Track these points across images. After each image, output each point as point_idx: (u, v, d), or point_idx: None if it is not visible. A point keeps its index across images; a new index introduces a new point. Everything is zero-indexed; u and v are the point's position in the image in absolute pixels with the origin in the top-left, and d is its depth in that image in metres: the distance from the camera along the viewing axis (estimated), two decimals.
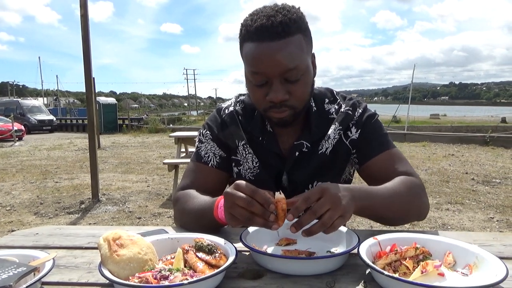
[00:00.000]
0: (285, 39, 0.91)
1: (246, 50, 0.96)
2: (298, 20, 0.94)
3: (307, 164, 1.10)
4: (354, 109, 1.12)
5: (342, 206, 0.77)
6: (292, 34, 0.92)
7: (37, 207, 4.82)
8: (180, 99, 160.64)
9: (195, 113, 46.12)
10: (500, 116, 25.84)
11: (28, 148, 12.16)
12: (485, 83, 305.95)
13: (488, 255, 0.74)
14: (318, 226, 0.76)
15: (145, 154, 9.88)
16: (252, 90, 1.00)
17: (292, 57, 0.92)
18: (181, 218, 1.07)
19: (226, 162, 1.15)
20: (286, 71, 0.92)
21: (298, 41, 0.93)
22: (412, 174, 1.03)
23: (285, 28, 0.91)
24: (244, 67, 1.01)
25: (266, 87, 0.96)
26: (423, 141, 11.48)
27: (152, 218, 4.31)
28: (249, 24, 0.94)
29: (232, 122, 1.14)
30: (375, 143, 1.08)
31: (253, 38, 0.93)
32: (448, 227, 3.89)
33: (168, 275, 0.68)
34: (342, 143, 1.10)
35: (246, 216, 0.77)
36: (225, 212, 0.82)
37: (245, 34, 0.96)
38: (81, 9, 4.83)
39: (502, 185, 5.69)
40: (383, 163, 1.06)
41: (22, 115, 21.99)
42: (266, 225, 0.77)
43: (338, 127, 1.10)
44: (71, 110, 38.72)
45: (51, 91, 63.98)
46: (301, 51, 0.94)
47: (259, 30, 0.92)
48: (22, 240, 1.01)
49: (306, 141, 1.09)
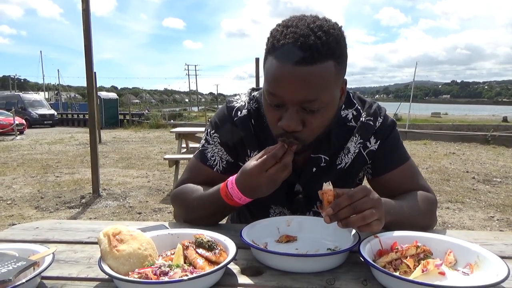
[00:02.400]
0: (312, 66, 0.80)
1: (267, 66, 0.86)
2: (333, 44, 0.82)
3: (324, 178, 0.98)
4: (375, 119, 1.04)
5: (382, 211, 0.78)
6: (322, 60, 0.80)
7: (37, 201, 4.83)
8: (181, 95, 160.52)
9: (196, 109, 46.15)
10: (502, 115, 25.78)
11: (29, 142, 12.17)
12: (487, 82, 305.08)
13: (490, 255, 0.73)
14: (357, 218, 0.76)
15: (146, 150, 9.88)
16: (267, 109, 0.92)
17: (314, 88, 0.82)
18: (184, 211, 1.04)
19: (232, 167, 1.08)
20: (305, 101, 0.83)
21: (327, 69, 0.82)
22: (428, 190, 1.05)
23: (315, 54, 0.80)
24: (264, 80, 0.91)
25: (281, 110, 0.87)
26: (424, 139, 11.46)
27: (153, 214, 4.31)
28: (277, 38, 0.84)
29: (245, 129, 1.05)
30: (393, 156, 1.05)
31: (277, 55, 0.83)
32: (449, 226, 3.90)
33: (168, 271, 0.68)
34: (360, 155, 1.05)
35: (284, 165, 0.85)
36: (254, 184, 0.86)
37: (270, 48, 0.86)
38: (82, 3, 4.82)
39: (503, 184, 5.68)
40: (399, 178, 1.04)
41: (24, 109, 22.01)
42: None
43: (359, 140, 1.03)
44: (72, 104, 38.74)
45: (52, 85, 64.08)
46: (327, 81, 0.83)
47: (285, 50, 0.81)
48: (22, 234, 1.01)
49: (324, 155, 1.03)
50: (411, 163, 1.07)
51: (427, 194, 1.02)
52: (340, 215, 0.76)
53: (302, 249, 0.85)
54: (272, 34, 0.87)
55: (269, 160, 0.85)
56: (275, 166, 0.85)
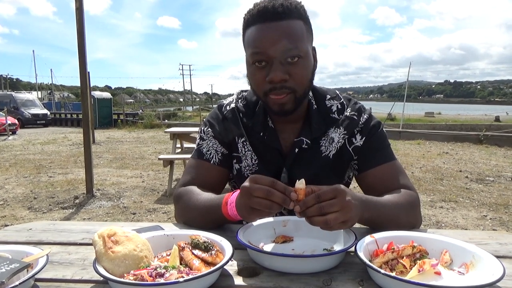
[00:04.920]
0: (286, 20, 0.95)
1: (248, 35, 1.00)
2: (299, 7, 0.99)
3: (309, 163, 1.10)
4: (359, 114, 1.12)
5: (349, 214, 0.77)
6: (293, 18, 0.96)
7: (30, 202, 4.78)
8: (175, 95, 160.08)
9: (191, 109, 46.00)
10: (494, 115, 26.01)
11: (21, 142, 12.05)
12: (480, 82, 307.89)
13: (485, 254, 0.74)
14: (320, 220, 0.75)
15: (140, 150, 9.84)
16: (252, 73, 1.01)
17: (292, 38, 0.95)
18: (185, 214, 1.05)
19: (228, 159, 1.16)
20: (286, 50, 0.94)
21: (298, 25, 0.97)
22: (410, 188, 1.06)
23: (286, 10, 0.95)
24: (245, 55, 1.02)
25: (266, 69, 0.97)
26: (418, 139, 11.54)
27: (147, 214, 4.29)
28: (251, 9, 0.99)
29: (233, 119, 1.14)
30: (378, 153, 1.09)
31: (255, 21, 0.97)
32: (442, 225, 3.92)
33: (163, 273, 0.67)
34: (345, 149, 1.11)
35: (267, 205, 0.76)
36: (242, 206, 0.81)
37: (248, 19, 1.00)
38: (76, 2, 4.77)
39: (496, 183, 5.73)
40: (383, 175, 1.07)
41: (16, 109, 21.78)
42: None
43: (343, 131, 1.10)
44: (65, 104, 38.40)
45: (45, 85, 63.51)
46: (301, 34, 0.97)
47: (261, 12, 0.96)
48: (15, 235, 1.00)
49: (306, 138, 1.09)
50: (396, 164, 1.10)
51: (409, 192, 1.04)
52: (307, 213, 0.76)
53: (299, 250, 0.85)
54: (246, 13, 1.01)
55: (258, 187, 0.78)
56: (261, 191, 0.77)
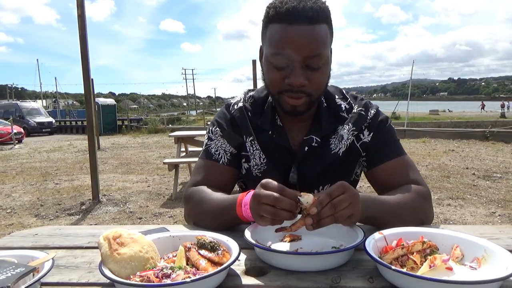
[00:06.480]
0: (314, 25, 0.92)
1: (271, 31, 0.96)
2: (326, 10, 0.96)
3: (319, 161, 1.09)
4: (366, 110, 1.11)
5: (357, 207, 0.77)
6: (320, 22, 0.93)
7: (37, 209, 4.80)
8: (179, 99, 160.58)
9: (194, 113, 46.17)
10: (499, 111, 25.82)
11: (27, 150, 12.13)
12: (484, 78, 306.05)
13: (497, 248, 0.72)
14: (329, 220, 0.75)
15: (145, 155, 9.86)
16: (270, 71, 0.98)
17: (317, 44, 0.93)
18: (196, 214, 1.04)
19: (237, 159, 1.14)
20: (310, 56, 0.93)
21: (324, 30, 0.94)
22: (420, 183, 1.04)
23: (315, 14, 0.92)
24: (264, 49, 1.00)
25: (285, 71, 0.95)
26: (423, 137, 11.46)
27: (153, 218, 4.29)
28: (279, 6, 0.94)
29: (241, 118, 1.13)
30: (387, 148, 1.08)
31: (281, 19, 0.93)
32: (450, 222, 3.88)
33: (170, 273, 0.66)
34: (354, 146, 1.10)
35: (273, 213, 0.76)
36: (253, 212, 0.81)
37: (273, 15, 0.95)
38: (78, 9, 4.80)
39: (503, 179, 5.67)
40: (393, 170, 1.06)
41: (21, 117, 21.98)
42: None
43: (352, 128, 1.09)
44: (70, 111, 38.71)
45: (50, 93, 63.97)
46: (325, 40, 0.95)
47: (289, 12, 0.91)
48: (21, 241, 0.99)
49: (316, 136, 1.08)
50: (406, 158, 1.08)
51: (419, 187, 1.01)
52: (323, 214, 0.74)
53: (307, 248, 0.84)
54: (270, 6, 0.97)
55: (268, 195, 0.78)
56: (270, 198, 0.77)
